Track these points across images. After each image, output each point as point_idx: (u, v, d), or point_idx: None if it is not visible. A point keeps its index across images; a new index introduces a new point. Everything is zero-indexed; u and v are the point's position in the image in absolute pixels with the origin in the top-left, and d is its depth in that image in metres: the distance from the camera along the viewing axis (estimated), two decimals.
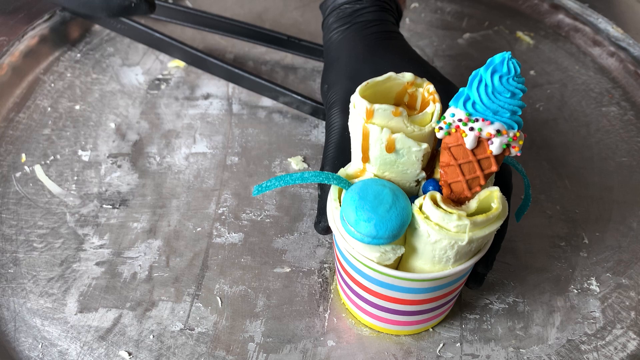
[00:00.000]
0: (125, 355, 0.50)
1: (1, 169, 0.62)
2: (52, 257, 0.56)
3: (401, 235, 0.44)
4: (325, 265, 0.56)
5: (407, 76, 0.46)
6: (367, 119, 0.44)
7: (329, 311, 0.53)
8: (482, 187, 0.44)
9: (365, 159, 0.46)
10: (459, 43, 0.76)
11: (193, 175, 0.62)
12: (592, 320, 0.54)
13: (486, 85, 0.41)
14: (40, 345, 0.51)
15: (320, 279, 0.55)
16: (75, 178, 0.61)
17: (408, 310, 0.50)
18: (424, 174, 0.46)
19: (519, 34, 0.78)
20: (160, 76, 0.71)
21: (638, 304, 0.55)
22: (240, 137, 0.65)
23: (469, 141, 0.42)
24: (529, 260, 0.57)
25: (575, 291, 0.55)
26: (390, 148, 0.44)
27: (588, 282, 0.56)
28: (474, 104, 0.42)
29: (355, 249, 0.46)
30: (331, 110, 0.55)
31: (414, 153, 0.44)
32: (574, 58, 0.76)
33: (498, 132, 0.42)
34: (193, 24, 0.74)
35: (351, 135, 0.46)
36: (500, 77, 0.41)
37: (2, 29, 0.71)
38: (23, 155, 0.63)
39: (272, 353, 0.51)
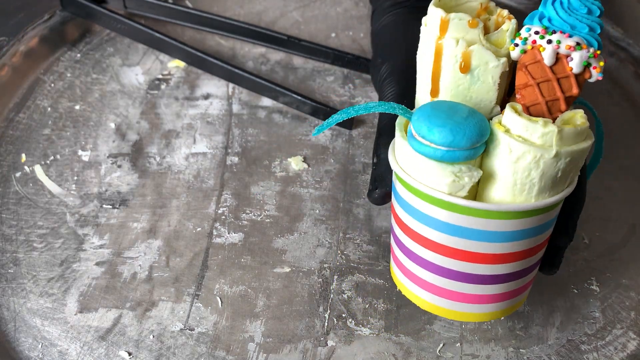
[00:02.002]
0: (125, 355, 0.50)
1: (1, 169, 0.62)
2: (52, 257, 0.56)
3: (480, 149, 0.40)
4: (325, 265, 0.56)
5: None
6: (441, 34, 0.41)
7: (329, 311, 0.53)
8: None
9: (435, 90, 0.42)
10: None
11: (193, 175, 0.62)
12: (592, 320, 0.54)
13: (561, 1, 0.40)
14: (40, 345, 0.51)
15: (320, 279, 0.55)
16: (75, 178, 0.61)
17: (482, 275, 0.43)
18: (498, 108, 0.42)
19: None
20: (160, 76, 0.71)
21: (638, 304, 0.55)
22: (240, 137, 0.65)
23: (547, 55, 0.39)
24: None
25: (575, 291, 0.55)
26: (466, 66, 0.40)
27: (588, 282, 0.56)
28: (550, 19, 0.40)
29: (422, 182, 0.41)
30: (385, 81, 0.54)
31: (490, 72, 0.40)
32: None
33: (578, 45, 0.39)
34: (193, 24, 0.74)
35: (419, 65, 0.43)
36: None
37: (2, 29, 0.71)
38: (23, 155, 0.63)
39: (272, 353, 0.51)
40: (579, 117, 0.41)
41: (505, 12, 0.43)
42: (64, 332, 0.51)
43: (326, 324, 0.53)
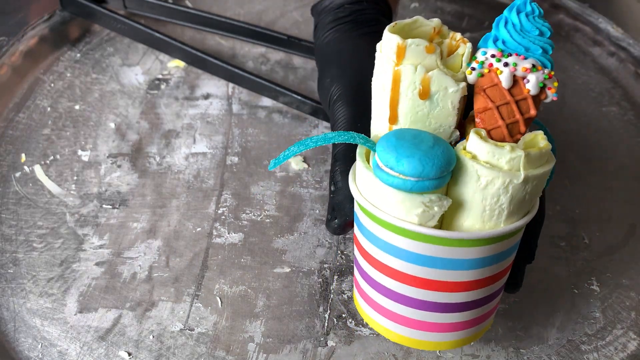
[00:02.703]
0: (125, 355, 0.50)
1: (1, 169, 0.62)
2: (51, 257, 0.56)
3: (447, 177, 0.39)
4: (325, 266, 0.56)
5: (435, 21, 0.42)
6: (398, 60, 0.40)
7: (329, 311, 0.53)
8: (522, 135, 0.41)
9: (394, 117, 0.41)
10: None
11: (193, 175, 0.62)
12: (592, 321, 0.54)
13: (513, 24, 0.40)
14: (40, 346, 0.51)
15: (320, 279, 0.55)
16: (75, 178, 0.61)
17: (452, 303, 0.43)
18: (457, 133, 0.42)
19: None
20: (160, 76, 0.71)
21: (638, 304, 0.55)
22: (240, 137, 0.65)
23: (504, 78, 0.40)
24: None
25: (576, 291, 0.55)
26: (425, 92, 0.40)
27: (588, 282, 0.56)
28: (504, 42, 0.40)
29: (389, 212, 0.40)
30: (336, 104, 0.53)
31: (450, 97, 0.40)
32: (574, 58, 0.76)
33: (534, 67, 0.40)
34: (193, 24, 0.74)
35: (374, 92, 0.43)
36: (527, 15, 0.40)
37: (2, 28, 0.71)
38: (23, 155, 0.63)
39: (272, 353, 0.51)
40: (539, 139, 0.41)
41: (458, 35, 0.42)
42: (64, 332, 0.51)
43: (326, 324, 0.53)
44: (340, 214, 0.48)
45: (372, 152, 0.41)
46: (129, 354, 0.50)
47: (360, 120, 0.50)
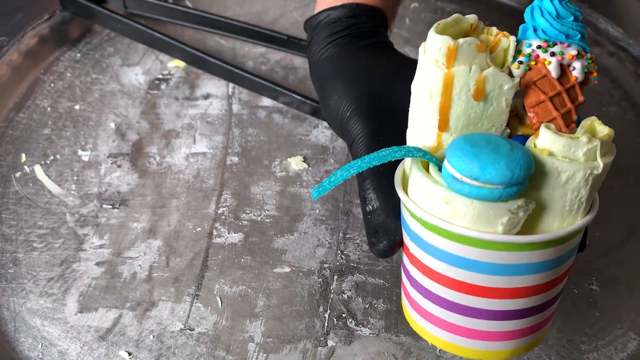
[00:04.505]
0: (125, 355, 0.50)
1: (1, 169, 0.62)
2: (52, 257, 0.56)
3: (527, 179, 0.37)
4: (325, 266, 0.56)
5: (472, 17, 0.41)
6: (449, 62, 0.38)
7: (328, 311, 0.53)
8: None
9: (444, 123, 0.39)
10: None
11: (193, 175, 0.62)
12: (592, 320, 0.54)
13: (549, 12, 0.40)
14: (40, 346, 0.51)
15: (320, 279, 0.55)
16: (75, 178, 0.61)
17: (521, 310, 0.40)
18: (508, 130, 0.40)
19: None
20: (160, 76, 0.71)
21: (638, 304, 0.55)
22: (240, 137, 0.65)
23: (553, 68, 0.39)
24: None
25: (576, 291, 0.55)
26: (480, 92, 0.38)
27: (588, 282, 0.56)
28: (544, 31, 0.40)
29: (466, 226, 0.38)
30: (350, 121, 0.50)
31: (504, 95, 0.39)
32: None
33: (578, 53, 0.39)
34: (193, 24, 0.74)
35: (416, 99, 0.40)
36: (560, 1, 0.40)
37: (2, 29, 0.71)
38: (23, 155, 0.63)
39: (272, 353, 0.51)
40: (596, 124, 0.40)
41: (494, 29, 0.41)
42: (64, 332, 0.51)
43: (326, 324, 0.53)
44: (387, 235, 0.44)
45: (433, 164, 0.39)
46: (129, 354, 0.50)
47: (382, 133, 0.48)
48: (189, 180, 0.62)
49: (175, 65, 0.72)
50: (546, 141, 0.38)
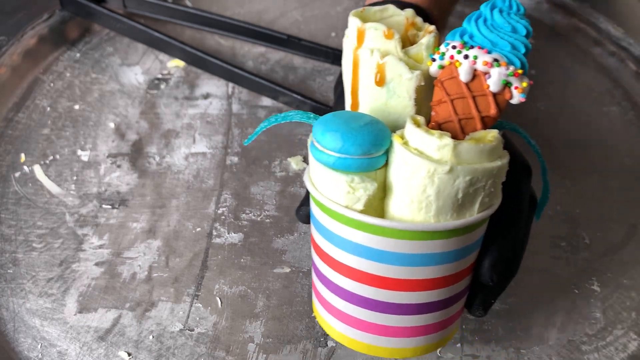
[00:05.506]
0: (125, 355, 0.50)
1: (0, 169, 0.62)
2: (51, 258, 0.56)
3: (377, 161, 0.38)
4: None
5: (408, 12, 0.41)
6: (358, 44, 0.39)
7: None
8: None
9: (355, 104, 0.41)
10: None
11: (193, 175, 0.62)
12: (593, 321, 0.54)
13: (485, 18, 0.39)
14: (39, 346, 0.51)
15: None
16: (75, 178, 0.61)
17: (424, 304, 0.40)
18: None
19: None
20: (159, 76, 0.71)
21: (639, 304, 0.55)
22: (240, 137, 0.65)
23: (463, 71, 0.38)
24: (530, 261, 0.57)
25: (576, 291, 0.55)
26: (382, 78, 0.39)
27: (589, 282, 0.56)
28: (471, 36, 0.39)
29: (322, 192, 0.39)
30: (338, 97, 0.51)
31: (405, 85, 0.39)
32: (574, 57, 0.76)
33: (496, 61, 0.37)
34: (193, 24, 0.74)
35: (343, 77, 0.42)
36: (501, 11, 0.39)
37: (1, 28, 0.71)
38: (22, 155, 0.63)
39: (272, 354, 0.51)
40: (489, 136, 0.38)
41: (432, 27, 0.41)
42: (64, 333, 0.51)
43: None
44: (307, 202, 0.45)
45: None
46: (129, 354, 0.50)
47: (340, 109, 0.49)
48: (188, 180, 0.62)
49: (175, 64, 0.72)
50: (407, 131, 0.38)
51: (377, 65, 0.39)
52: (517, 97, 0.38)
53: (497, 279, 0.42)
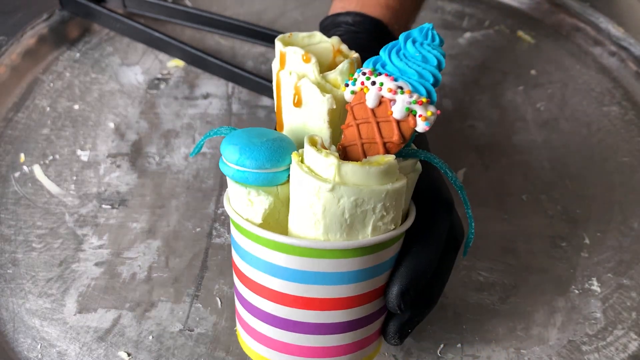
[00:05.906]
0: (125, 355, 0.50)
1: (0, 169, 0.62)
2: (51, 258, 0.56)
3: (278, 176, 0.39)
4: None
5: (334, 39, 0.43)
6: (281, 66, 0.41)
7: None
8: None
9: (279, 124, 0.43)
10: (459, 42, 0.76)
11: (192, 175, 0.62)
12: (593, 321, 0.53)
13: (399, 48, 0.40)
14: (39, 346, 0.51)
15: None
16: (74, 178, 0.61)
17: (339, 323, 0.41)
18: (333, 148, 0.40)
19: (520, 33, 0.78)
20: (159, 76, 0.71)
21: (639, 304, 0.55)
22: None
23: (369, 97, 0.39)
24: (530, 261, 0.57)
25: (577, 292, 0.55)
26: (299, 100, 0.40)
27: (589, 282, 0.56)
28: (383, 64, 0.40)
29: (232, 206, 0.41)
30: None
31: (319, 108, 0.40)
32: (574, 57, 0.76)
33: (400, 89, 0.39)
34: (192, 23, 0.74)
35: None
36: (414, 42, 0.40)
37: (1, 28, 0.71)
38: (22, 155, 0.63)
39: None
40: (384, 160, 0.39)
41: (356, 55, 0.43)
42: (63, 333, 0.51)
43: None
44: None
45: None
46: (129, 355, 0.50)
47: None
48: (188, 180, 0.62)
49: (175, 64, 0.72)
50: (304, 150, 0.39)
51: (294, 87, 0.41)
52: (421, 126, 0.39)
53: (406, 308, 0.42)
